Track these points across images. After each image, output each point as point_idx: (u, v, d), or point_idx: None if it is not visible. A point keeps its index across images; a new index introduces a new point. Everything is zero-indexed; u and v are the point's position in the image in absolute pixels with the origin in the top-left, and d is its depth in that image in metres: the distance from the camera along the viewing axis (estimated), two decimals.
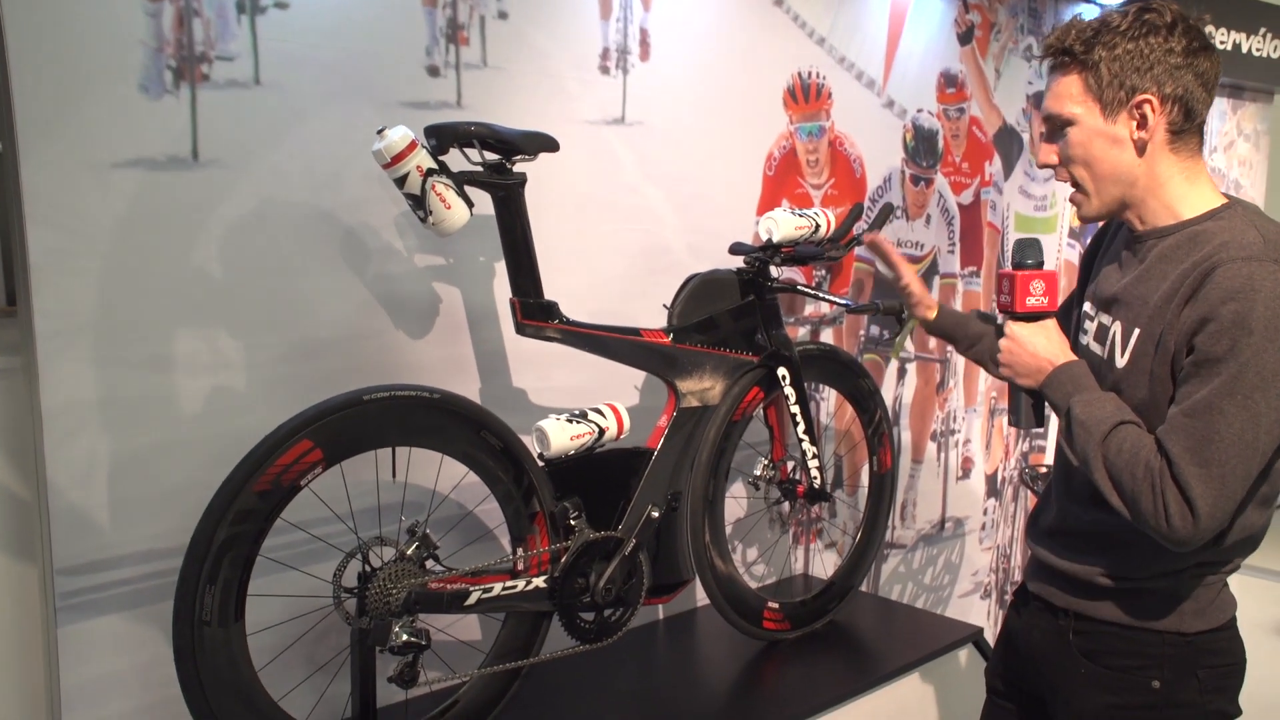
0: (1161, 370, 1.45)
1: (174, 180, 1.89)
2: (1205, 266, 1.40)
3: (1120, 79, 1.45)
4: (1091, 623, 1.60)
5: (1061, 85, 1.50)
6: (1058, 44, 1.50)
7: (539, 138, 2.03)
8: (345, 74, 2.09)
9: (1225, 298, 1.35)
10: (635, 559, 2.21)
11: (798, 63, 2.98)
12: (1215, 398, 1.36)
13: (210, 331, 1.96)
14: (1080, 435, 1.47)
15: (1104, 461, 1.44)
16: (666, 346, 2.28)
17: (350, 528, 2.03)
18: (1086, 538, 1.61)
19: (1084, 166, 1.51)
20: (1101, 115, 1.47)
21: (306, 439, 1.76)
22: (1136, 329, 1.49)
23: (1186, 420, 1.39)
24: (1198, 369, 1.39)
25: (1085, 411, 1.47)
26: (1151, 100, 1.45)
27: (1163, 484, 1.39)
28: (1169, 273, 1.46)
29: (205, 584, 1.66)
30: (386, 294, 2.20)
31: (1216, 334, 1.36)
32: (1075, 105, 1.49)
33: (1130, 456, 1.42)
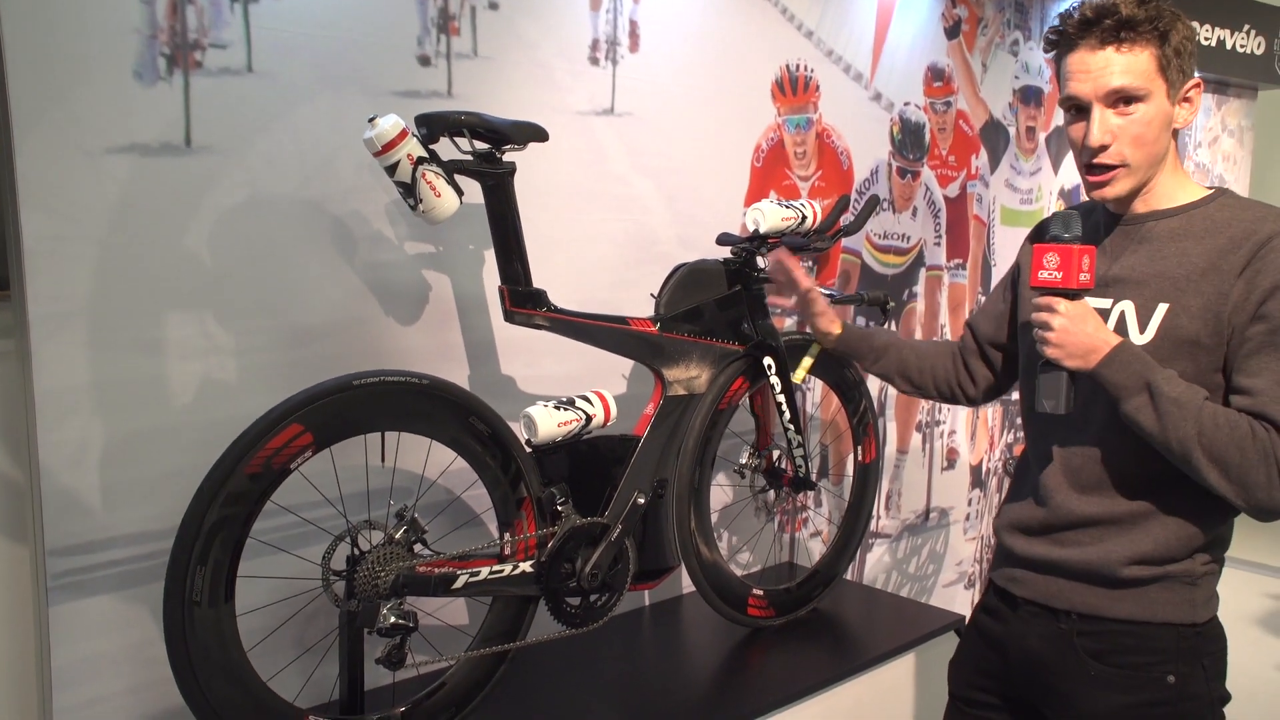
0: (1212, 341, 1.44)
1: (167, 166, 1.91)
2: (1256, 239, 1.42)
3: (1185, 60, 1.44)
4: (1101, 622, 1.57)
5: (1133, 59, 1.43)
6: (1128, 14, 1.42)
7: (528, 127, 2.05)
8: (337, 62, 2.11)
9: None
10: (621, 545, 2.23)
11: (786, 55, 3.01)
12: None
13: (202, 317, 1.98)
14: (1173, 413, 1.40)
15: (1202, 438, 1.39)
16: (653, 335, 2.31)
17: (340, 511, 2.06)
18: (1103, 526, 1.56)
19: (1139, 146, 1.47)
20: (1167, 96, 1.46)
21: (297, 423, 1.78)
22: (1163, 304, 1.49)
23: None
24: (1274, 335, 1.39)
25: (1175, 389, 1.42)
26: (1200, 85, 1.48)
27: (1277, 453, 1.37)
28: (1191, 249, 1.47)
29: (196, 565, 1.68)
30: (377, 281, 2.22)
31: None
32: (1150, 81, 1.44)
33: (1231, 429, 1.39)
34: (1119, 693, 1.55)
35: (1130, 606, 1.54)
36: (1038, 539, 1.64)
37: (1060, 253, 1.48)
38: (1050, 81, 3.98)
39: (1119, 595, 1.55)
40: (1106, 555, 1.54)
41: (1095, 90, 1.46)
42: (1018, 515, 1.69)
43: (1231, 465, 1.38)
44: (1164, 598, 1.53)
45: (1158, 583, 1.53)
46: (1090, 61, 1.45)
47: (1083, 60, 1.46)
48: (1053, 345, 1.50)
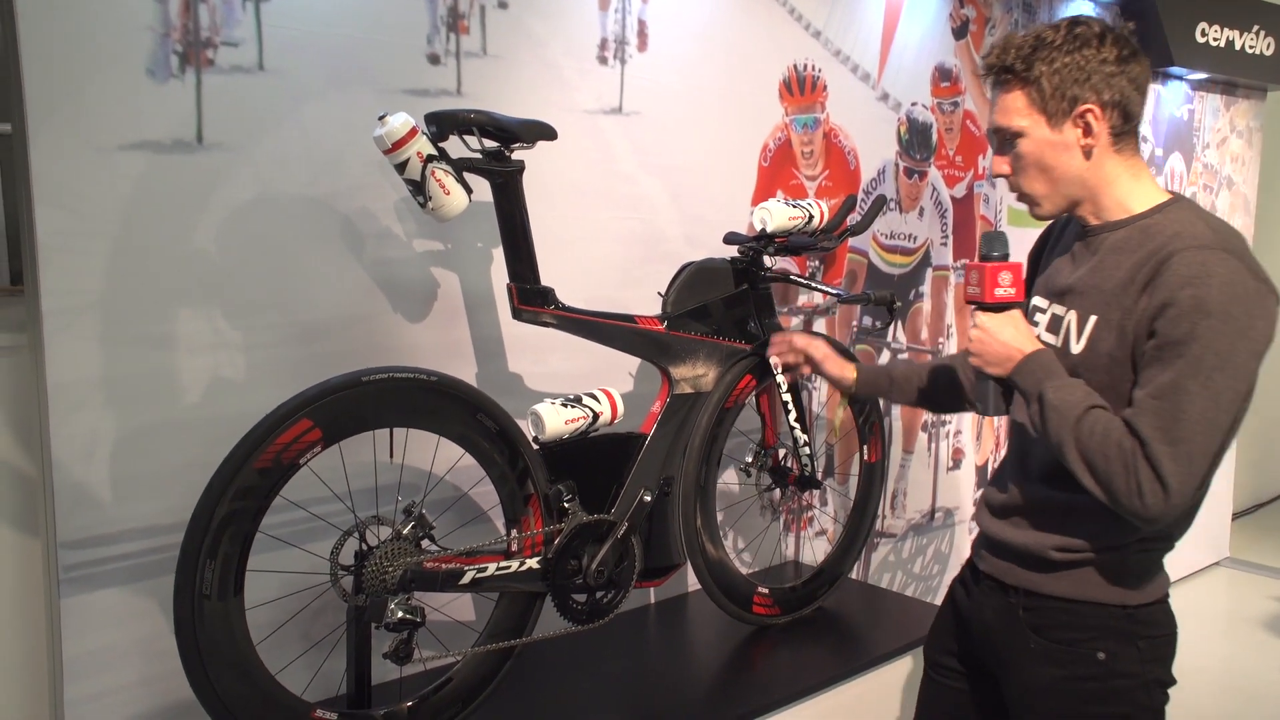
0: (1121, 354, 1.52)
1: (178, 163, 1.93)
2: (1161, 255, 1.48)
3: (1062, 90, 1.53)
4: (1040, 599, 1.66)
5: (1007, 100, 1.57)
6: (998, 62, 1.57)
7: (537, 126, 2.06)
8: (347, 61, 2.12)
9: (1183, 283, 1.43)
10: (627, 542, 2.24)
11: (794, 55, 3.02)
12: (1180, 379, 1.43)
13: (211, 312, 2.00)
14: (1054, 419, 1.52)
15: (1077, 444, 1.50)
16: (661, 333, 2.32)
17: (348, 506, 2.07)
18: (1040, 513, 1.66)
19: (1035, 173, 1.59)
20: (1048, 125, 1.55)
21: (306, 418, 1.79)
22: (1093, 316, 1.56)
23: (1155, 402, 1.45)
24: (1160, 352, 1.46)
25: (1057, 397, 1.53)
26: (1093, 109, 1.54)
27: (1136, 463, 1.45)
28: (1123, 263, 1.54)
29: (206, 558, 1.70)
30: (385, 278, 2.23)
31: (1176, 318, 1.44)
32: (1022, 118, 1.56)
33: (1102, 439, 1.48)
34: (1055, 666, 1.64)
35: (1065, 585, 1.63)
36: (998, 520, 1.74)
37: (979, 270, 1.60)
38: None
39: (1055, 575, 1.64)
40: (1040, 540, 1.65)
41: (989, 127, 1.64)
42: (989, 495, 1.80)
43: (1098, 470, 1.48)
44: (1095, 579, 1.62)
45: (1089, 566, 1.62)
46: (991, 100, 1.62)
47: (990, 98, 1.64)
48: (973, 355, 1.63)
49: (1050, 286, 1.69)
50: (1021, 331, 1.61)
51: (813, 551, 3.30)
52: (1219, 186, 5.00)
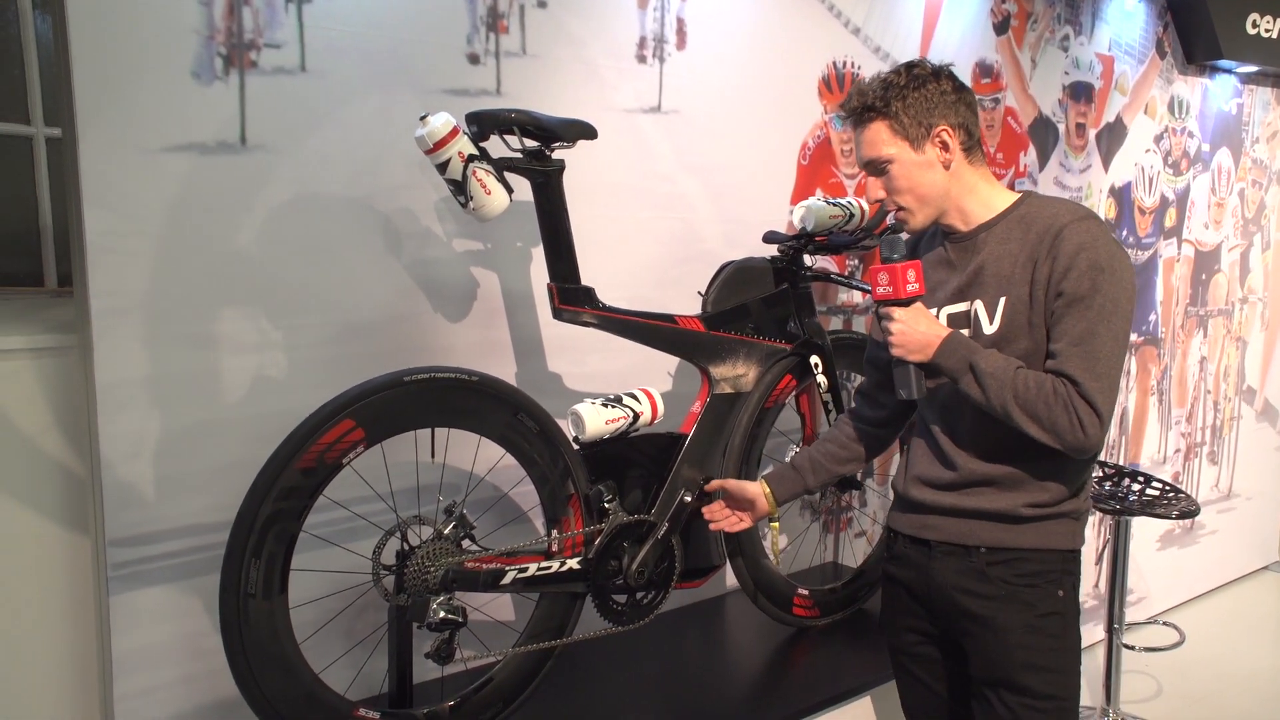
0: (1038, 319, 1.75)
1: (222, 164, 1.94)
2: (1053, 231, 1.73)
3: (918, 119, 1.77)
4: (1006, 551, 1.83)
5: (872, 133, 1.80)
6: (860, 104, 1.80)
7: (578, 125, 2.06)
8: (387, 61, 2.13)
9: (1077, 249, 1.70)
10: (668, 543, 2.24)
11: (833, 52, 2.99)
12: (1093, 325, 1.69)
13: (255, 312, 2.01)
14: (991, 384, 1.72)
15: (1016, 398, 1.70)
16: (701, 333, 2.30)
17: (390, 506, 2.08)
18: (998, 484, 1.82)
19: (908, 193, 1.81)
20: (911, 149, 1.78)
21: (349, 418, 1.80)
22: (1003, 297, 1.78)
23: (1074, 348, 1.69)
24: (1070, 307, 1.70)
25: (989, 364, 1.73)
26: (947, 129, 1.78)
27: (1073, 401, 1.68)
28: (1012, 249, 1.78)
29: (250, 557, 1.71)
30: (426, 278, 2.24)
31: (1078, 277, 1.69)
32: (889, 146, 1.79)
33: (1038, 389, 1.69)
34: (1024, 607, 1.83)
35: (1031, 537, 1.83)
36: (947, 493, 1.88)
37: (888, 271, 1.78)
38: (1101, 78, 3.92)
39: (1022, 529, 1.83)
40: (1011, 503, 1.82)
41: (860, 161, 1.86)
42: (925, 473, 1.92)
43: (1042, 418, 1.70)
44: (1056, 529, 1.83)
45: (1053, 519, 1.83)
46: (855, 140, 1.86)
47: (853, 138, 1.88)
48: (895, 345, 1.80)
49: (936, 294, 1.87)
50: (932, 321, 1.80)
51: (853, 553, 3.28)
52: (1269, 182, 4.91)
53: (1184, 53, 4.28)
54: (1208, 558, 4.87)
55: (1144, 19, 4.07)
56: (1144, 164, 4.21)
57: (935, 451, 1.91)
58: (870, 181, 1.87)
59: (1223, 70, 4.50)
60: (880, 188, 1.86)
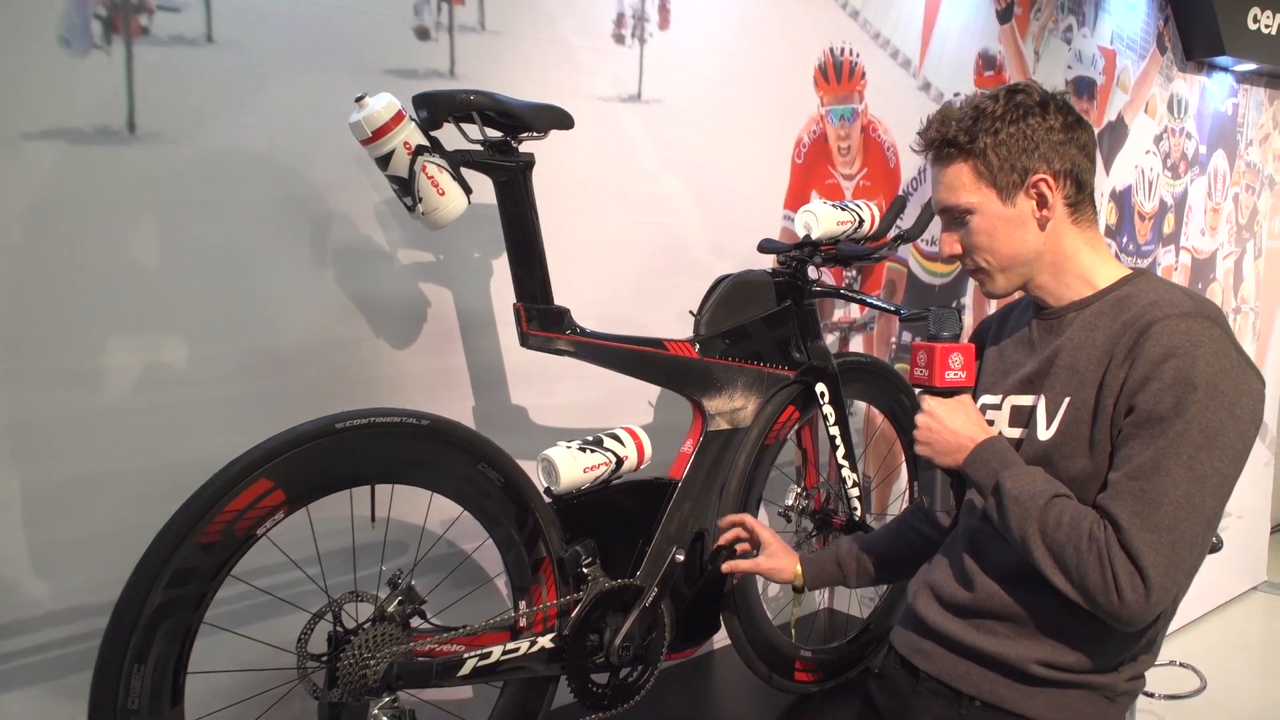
0: (1102, 436, 1.38)
1: (104, 156, 1.55)
2: (1140, 325, 1.35)
3: (1010, 162, 1.42)
4: (1008, 716, 1.46)
5: (951, 175, 1.46)
6: (939, 136, 1.46)
7: (551, 112, 1.69)
8: (317, 33, 1.75)
9: (1165, 355, 1.31)
10: (657, 610, 1.88)
11: (830, 38, 2.66)
12: (1161, 458, 1.29)
13: (150, 340, 1.62)
14: (1015, 511, 1.37)
15: (1043, 537, 1.35)
16: (694, 360, 1.95)
17: (321, 587, 1.69)
18: (1015, 622, 1.46)
19: (988, 252, 1.47)
20: (999, 199, 1.44)
21: (265, 478, 1.42)
22: (1067, 398, 1.42)
23: (1131, 483, 1.31)
24: (1139, 429, 1.32)
25: (1017, 486, 1.38)
26: (1046, 178, 1.43)
27: (1110, 553, 1.30)
28: (1095, 338, 1.42)
29: (132, 664, 1.32)
30: (365, 296, 1.86)
31: (1159, 392, 1.30)
32: (971, 194, 1.45)
33: (1071, 529, 1.33)
34: None
35: (1041, 706, 1.45)
36: (953, 618, 1.54)
37: (928, 351, 1.48)
38: (1103, 73, 3.64)
39: (1031, 691, 1.45)
40: (1020, 651, 1.45)
41: (934, 204, 1.50)
42: (938, 584, 1.58)
43: (1070, 567, 1.33)
44: (1079, 707, 1.44)
45: (1075, 689, 1.45)
46: (932, 176, 1.50)
47: (931, 174, 1.51)
48: (920, 443, 1.50)
49: (1008, 379, 1.55)
50: (973, 418, 1.48)
51: (846, 598, 2.94)
52: (1261, 187, 4.68)
53: (1183, 48, 4.02)
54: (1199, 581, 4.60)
55: (1145, 11, 3.80)
56: (1144, 166, 3.94)
57: (956, 561, 1.57)
58: (944, 235, 1.50)
59: (1219, 68, 4.26)
60: (955, 243, 1.49)
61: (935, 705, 1.53)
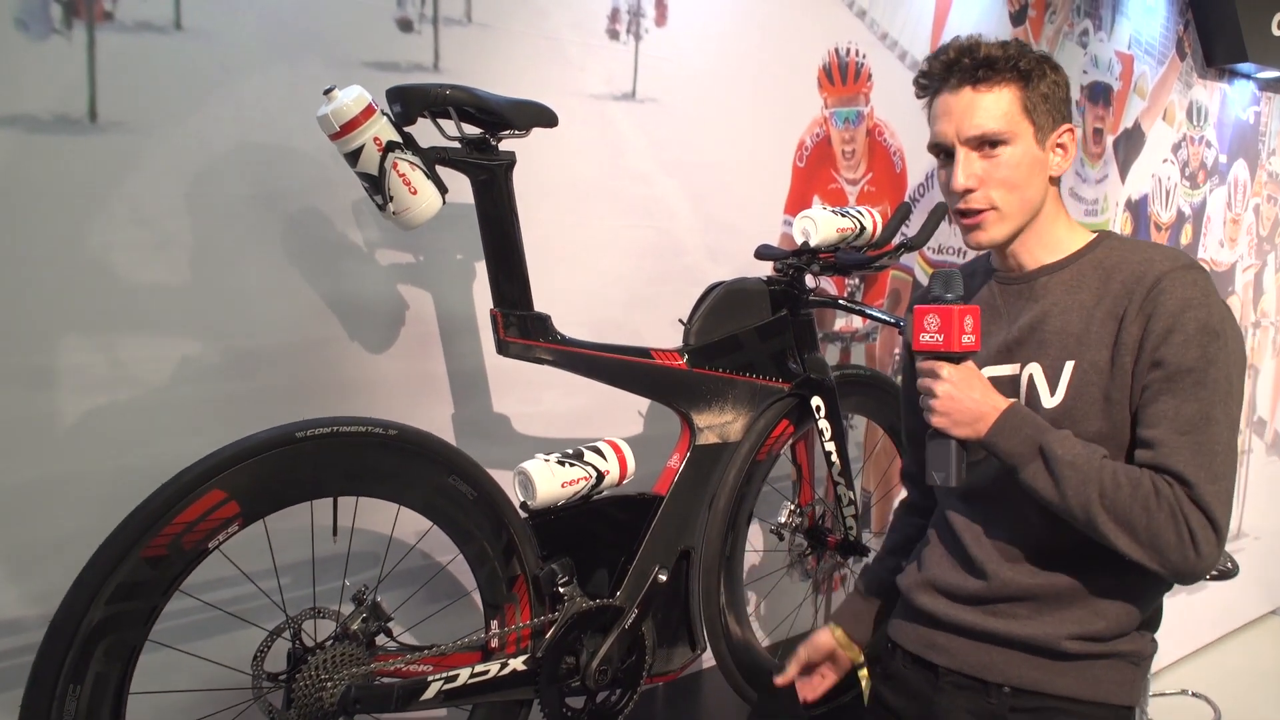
0: (1120, 395, 1.35)
1: (63, 146, 1.48)
2: (1148, 280, 1.33)
3: (1054, 105, 1.39)
4: (1039, 697, 1.42)
5: (993, 100, 1.37)
6: (985, 55, 1.37)
7: (532, 108, 1.62)
8: (293, 21, 1.68)
9: (1183, 306, 1.30)
10: (637, 632, 1.80)
11: (835, 37, 2.57)
12: (1207, 409, 1.29)
13: (109, 339, 1.55)
14: (1071, 476, 1.31)
15: (1104, 501, 1.30)
16: (683, 371, 1.87)
17: (276, 603, 1.61)
18: (1037, 600, 1.42)
19: (1009, 190, 1.39)
20: (1035, 139, 1.39)
21: (218, 489, 1.35)
22: (1069, 362, 1.38)
23: (1184, 438, 1.29)
24: (1172, 382, 1.30)
25: (1068, 450, 1.32)
26: (1073, 132, 1.41)
27: (1184, 509, 1.28)
28: (1085, 301, 1.39)
29: (67, 684, 1.25)
30: (339, 296, 1.79)
31: (1184, 343, 1.30)
32: (1013, 123, 1.37)
33: (1132, 488, 1.29)
34: None
35: (1072, 682, 1.41)
36: (968, 607, 1.48)
37: (940, 314, 1.37)
38: (1120, 78, 3.54)
39: (1061, 669, 1.41)
40: (1050, 629, 1.40)
41: (958, 132, 1.39)
42: (941, 578, 1.51)
43: (1139, 527, 1.29)
44: (1110, 676, 1.41)
45: (1105, 660, 1.41)
46: (952, 103, 1.39)
47: (945, 103, 1.40)
48: (938, 414, 1.39)
49: (986, 350, 1.47)
50: (988, 386, 1.40)
51: None
52: None
53: (1204, 54, 3.92)
54: (1216, 603, 4.50)
55: (1164, 15, 3.70)
56: (1161, 175, 3.84)
57: (956, 551, 1.50)
58: (963, 160, 1.38)
59: (1241, 75, 4.15)
60: (966, 172, 1.38)
61: (962, 699, 1.47)
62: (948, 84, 1.39)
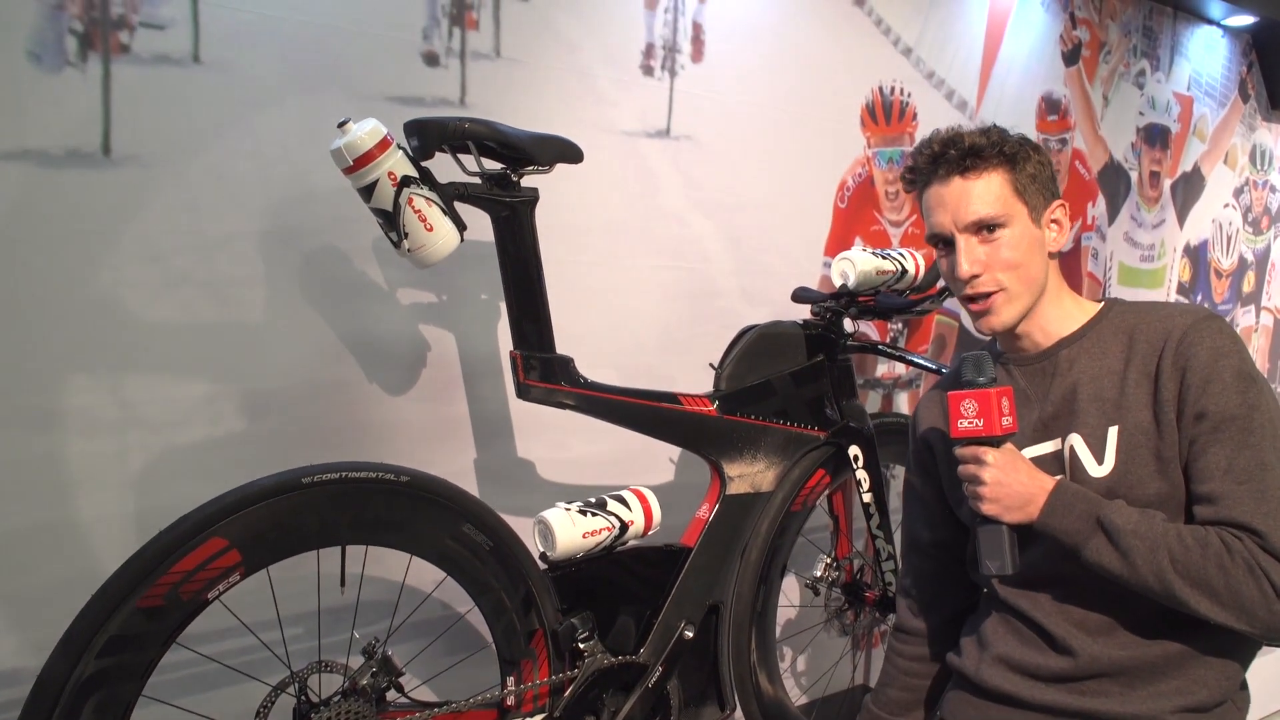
0: (1170, 452, 1.32)
1: (76, 181, 1.45)
2: (1176, 336, 1.33)
3: (1042, 183, 1.40)
4: None
5: (984, 186, 1.37)
6: (972, 144, 1.37)
7: (555, 143, 1.56)
8: (314, 55, 1.65)
9: (1215, 355, 1.30)
10: (661, 690, 1.71)
11: (879, 75, 2.50)
12: (1260, 454, 1.27)
13: (119, 380, 1.51)
14: (1139, 549, 1.26)
15: (1176, 566, 1.25)
16: (712, 418, 1.79)
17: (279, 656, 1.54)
18: (1135, 675, 1.34)
19: (1012, 270, 1.39)
20: (1030, 218, 1.39)
21: (219, 536, 1.29)
22: (1113, 427, 1.35)
23: (1243, 487, 1.26)
24: (1220, 432, 1.28)
25: (1128, 520, 1.28)
26: (1065, 206, 1.43)
27: (1260, 562, 1.22)
28: (1114, 367, 1.38)
29: None
30: (358, 336, 1.74)
31: (1224, 391, 1.28)
32: (1008, 206, 1.37)
33: (1201, 548, 1.24)
34: None
35: None
36: (1056, 688, 1.39)
37: (978, 398, 1.34)
38: (1178, 120, 3.43)
39: None
40: (1151, 704, 1.32)
41: (955, 221, 1.39)
42: (1017, 656, 1.42)
43: (1218, 588, 1.24)
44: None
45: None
46: (945, 194, 1.39)
47: (938, 194, 1.40)
48: (988, 500, 1.34)
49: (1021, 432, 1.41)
50: (1032, 466, 1.36)
51: None
52: None
53: (1268, 96, 3.79)
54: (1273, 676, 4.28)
55: (1226, 56, 3.58)
56: (1222, 220, 3.71)
57: (1033, 627, 1.41)
58: (964, 247, 1.37)
59: None
60: (969, 258, 1.37)
61: None
62: (936, 176, 1.39)
